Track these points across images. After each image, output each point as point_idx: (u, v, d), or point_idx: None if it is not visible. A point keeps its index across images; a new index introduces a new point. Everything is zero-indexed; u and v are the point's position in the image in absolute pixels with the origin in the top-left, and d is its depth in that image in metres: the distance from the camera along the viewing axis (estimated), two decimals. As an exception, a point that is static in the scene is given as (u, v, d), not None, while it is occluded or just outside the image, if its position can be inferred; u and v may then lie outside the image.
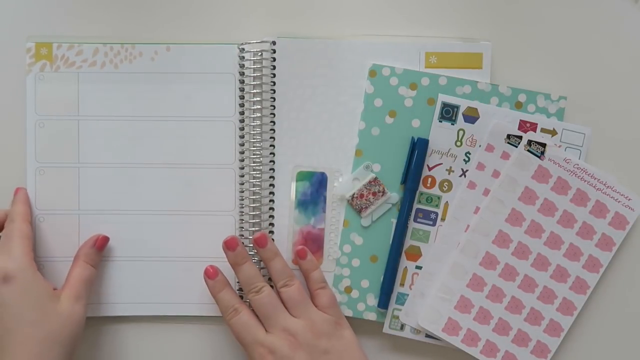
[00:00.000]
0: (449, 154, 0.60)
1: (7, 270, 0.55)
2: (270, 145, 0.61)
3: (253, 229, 0.60)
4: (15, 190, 0.60)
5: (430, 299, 0.60)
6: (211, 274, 0.58)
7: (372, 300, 0.61)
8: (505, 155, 0.60)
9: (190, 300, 0.61)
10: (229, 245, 0.58)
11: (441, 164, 0.60)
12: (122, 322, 0.61)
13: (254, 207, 0.60)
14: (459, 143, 0.60)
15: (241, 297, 0.59)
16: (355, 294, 0.61)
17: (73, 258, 0.59)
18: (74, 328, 0.56)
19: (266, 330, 0.56)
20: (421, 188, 0.60)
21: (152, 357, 0.62)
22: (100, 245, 0.60)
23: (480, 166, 0.60)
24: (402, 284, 0.61)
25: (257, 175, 0.60)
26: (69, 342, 0.55)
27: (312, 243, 0.61)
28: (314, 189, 0.61)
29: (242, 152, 0.61)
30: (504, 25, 0.62)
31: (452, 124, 0.60)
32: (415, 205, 0.60)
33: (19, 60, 0.61)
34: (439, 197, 0.61)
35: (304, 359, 0.55)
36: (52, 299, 0.56)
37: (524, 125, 0.60)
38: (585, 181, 0.60)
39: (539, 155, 0.60)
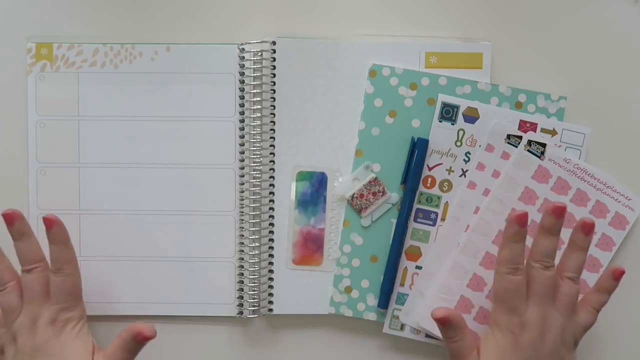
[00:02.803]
0: (449, 154, 0.60)
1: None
2: (270, 145, 0.61)
3: (253, 229, 0.60)
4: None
5: (430, 299, 0.60)
6: (523, 222, 0.53)
7: (372, 300, 0.61)
8: (505, 155, 0.60)
9: (190, 300, 0.61)
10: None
11: (441, 164, 0.60)
12: (122, 322, 0.61)
13: (254, 207, 0.60)
14: (459, 143, 0.60)
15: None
16: (355, 294, 0.61)
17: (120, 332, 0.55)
18: None
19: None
20: (421, 188, 0.60)
21: (151, 356, 0.62)
22: (143, 338, 0.54)
23: (480, 166, 0.60)
24: (402, 284, 0.61)
25: (257, 175, 0.60)
26: None
27: (312, 243, 0.61)
28: (314, 189, 0.61)
29: (242, 152, 0.61)
30: (504, 26, 0.62)
31: (452, 124, 0.60)
32: (415, 205, 0.60)
33: (20, 60, 0.61)
34: (439, 197, 0.61)
35: (544, 354, 0.53)
36: None
37: (524, 125, 0.60)
38: (585, 181, 0.60)
39: (539, 155, 0.60)
